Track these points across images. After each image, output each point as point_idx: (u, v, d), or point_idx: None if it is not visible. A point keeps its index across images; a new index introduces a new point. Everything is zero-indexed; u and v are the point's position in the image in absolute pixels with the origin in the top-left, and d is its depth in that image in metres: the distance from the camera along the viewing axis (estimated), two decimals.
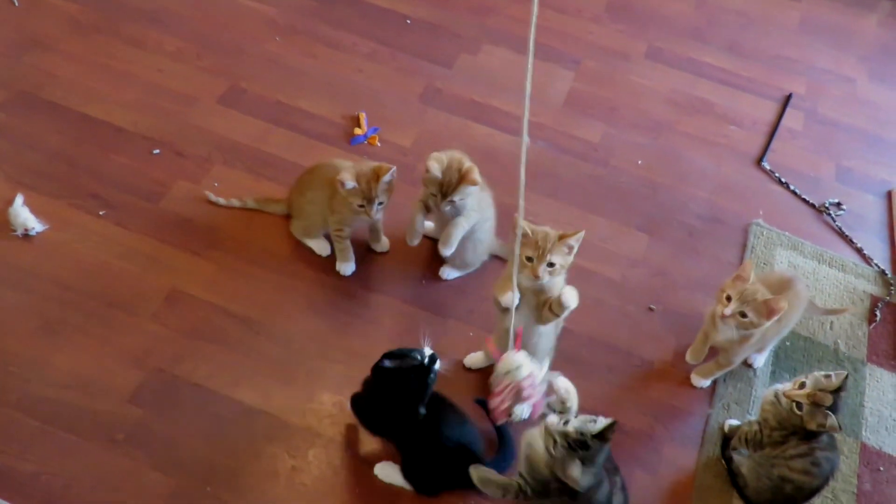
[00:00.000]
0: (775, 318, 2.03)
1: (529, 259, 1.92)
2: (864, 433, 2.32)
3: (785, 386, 1.99)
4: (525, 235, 1.92)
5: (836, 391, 1.89)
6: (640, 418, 2.26)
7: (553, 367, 2.24)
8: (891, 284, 2.72)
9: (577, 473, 1.64)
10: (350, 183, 2.18)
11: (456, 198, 2.19)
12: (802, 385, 1.94)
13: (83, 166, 2.58)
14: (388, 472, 2.02)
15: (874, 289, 2.71)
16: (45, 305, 2.24)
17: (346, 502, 1.98)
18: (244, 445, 2.05)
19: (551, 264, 1.92)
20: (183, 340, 2.22)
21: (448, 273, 2.48)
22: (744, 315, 2.04)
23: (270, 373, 2.19)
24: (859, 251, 2.82)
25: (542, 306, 1.98)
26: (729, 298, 2.07)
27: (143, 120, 2.74)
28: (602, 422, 1.66)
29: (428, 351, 1.79)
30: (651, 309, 2.52)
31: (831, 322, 2.57)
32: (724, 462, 2.17)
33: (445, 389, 2.11)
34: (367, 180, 2.19)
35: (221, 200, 2.52)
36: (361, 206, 2.22)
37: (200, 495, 1.95)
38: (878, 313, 2.62)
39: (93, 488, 1.93)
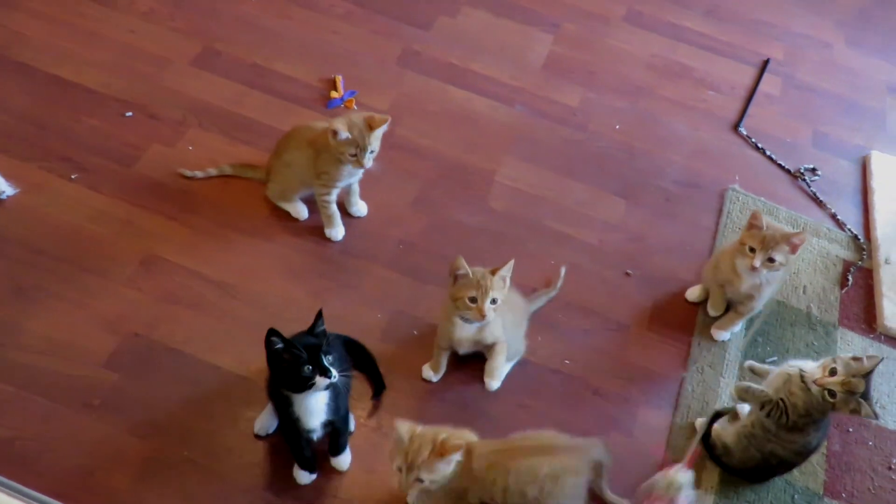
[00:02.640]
0: (800, 249, 2.13)
1: (473, 300, 1.94)
2: None
3: (812, 370, 1.90)
4: (465, 276, 1.95)
5: (866, 375, 1.83)
6: (616, 381, 2.29)
7: (530, 330, 2.26)
8: (863, 249, 2.75)
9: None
10: (344, 133, 2.17)
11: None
12: (833, 371, 1.85)
13: (54, 129, 2.53)
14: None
15: (847, 253, 2.74)
16: (17, 270, 2.21)
17: (321, 464, 1.99)
18: (221, 409, 2.05)
19: (493, 300, 1.95)
20: (159, 305, 2.21)
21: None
22: (772, 260, 2.12)
23: (247, 337, 2.18)
24: (833, 216, 2.85)
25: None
26: (752, 250, 2.14)
27: (114, 82, 2.69)
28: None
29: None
30: (628, 274, 2.53)
31: (804, 286, 2.60)
32: (701, 442, 2.16)
33: (419, 353, 2.14)
34: (360, 130, 2.19)
35: (198, 174, 2.48)
36: (354, 154, 2.20)
37: (178, 459, 1.95)
38: (850, 278, 2.65)
39: (69, 453, 1.92)
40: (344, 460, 1.99)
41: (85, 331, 2.13)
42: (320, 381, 1.71)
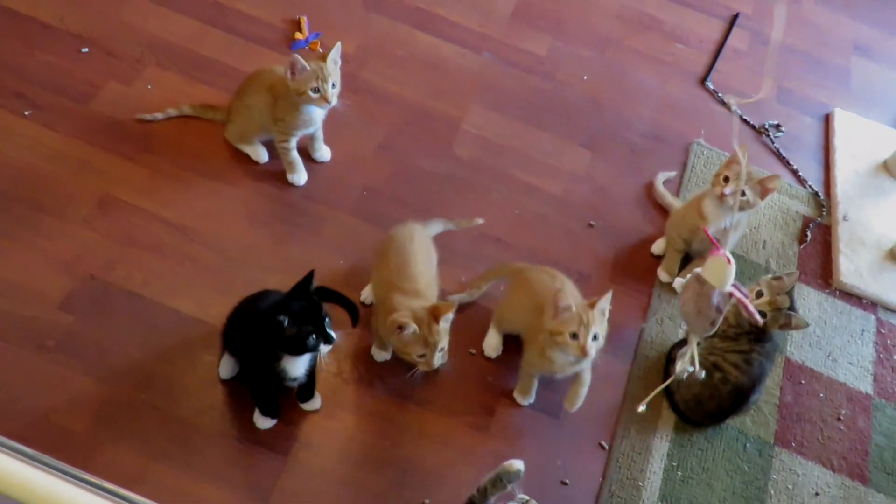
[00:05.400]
0: (769, 196, 2.18)
1: (574, 336, 1.86)
2: (788, 348, 2.40)
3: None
4: (567, 310, 1.87)
5: (790, 291, 2.01)
6: None
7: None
8: (822, 206, 2.78)
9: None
10: (301, 63, 2.13)
11: None
12: (760, 294, 2.04)
13: (6, 64, 2.44)
14: None
15: (807, 210, 2.77)
16: None
17: (281, 408, 1.99)
18: (180, 353, 2.03)
19: (595, 337, 1.87)
20: (115, 247, 2.16)
21: None
22: (743, 193, 2.15)
23: (207, 281, 2.15)
24: (795, 173, 2.88)
25: None
26: (727, 179, 2.18)
27: (70, 16, 2.60)
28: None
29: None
30: (591, 225, 2.53)
31: (764, 241, 2.63)
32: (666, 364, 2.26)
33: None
34: (315, 61, 2.16)
35: (158, 115, 2.41)
36: (316, 89, 2.16)
37: (136, 402, 1.93)
38: (808, 234, 2.69)
39: (22, 395, 1.89)
40: (316, 402, 2.01)
41: (39, 272, 2.08)
42: (324, 348, 1.73)
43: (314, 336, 1.71)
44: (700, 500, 2.08)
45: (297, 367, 1.82)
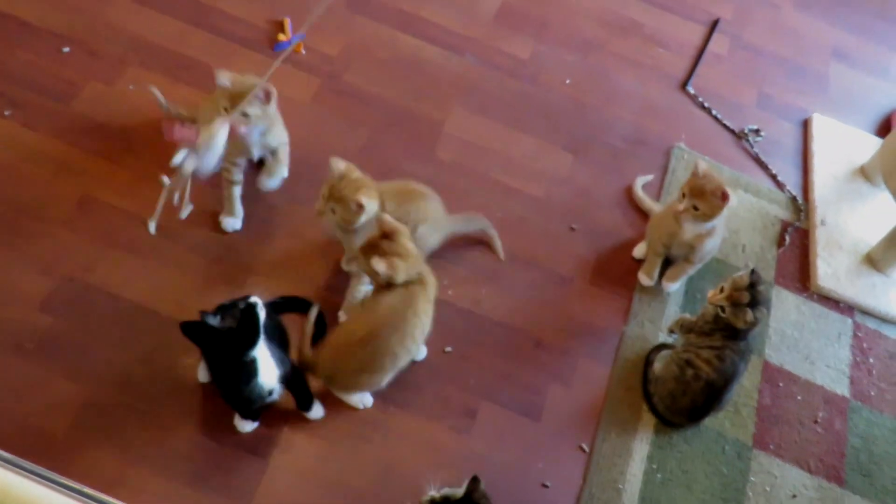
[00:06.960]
0: (727, 203, 2.18)
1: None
2: (766, 351, 2.43)
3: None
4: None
5: (752, 287, 2.02)
6: (558, 333, 2.32)
7: (472, 282, 2.27)
8: (801, 210, 2.81)
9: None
10: (224, 80, 2.02)
11: None
12: (723, 289, 2.06)
13: None
14: None
15: (785, 214, 2.80)
16: None
17: (263, 413, 1.99)
18: (160, 355, 2.02)
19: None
20: (96, 248, 2.15)
21: None
22: (696, 208, 2.20)
23: (187, 283, 2.15)
24: (774, 177, 2.91)
25: None
26: (684, 195, 2.22)
27: (50, 15, 2.58)
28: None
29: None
30: (573, 228, 2.55)
31: (743, 245, 2.65)
32: (644, 367, 2.28)
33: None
34: (238, 85, 2.04)
35: (182, 112, 2.29)
36: (225, 108, 2.03)
37: (115, 405, 1.93)
38: (787, 237, 2.72)
39: (2, 397, 1.88)
40: (318, 411, 2.01)
41: (18, 273, 2.07)
42: (257, 301, 1.73)
43: (242, 302, 1.71)
44: (679, 502, 2.10)
45: (267, 371, 1.81)
